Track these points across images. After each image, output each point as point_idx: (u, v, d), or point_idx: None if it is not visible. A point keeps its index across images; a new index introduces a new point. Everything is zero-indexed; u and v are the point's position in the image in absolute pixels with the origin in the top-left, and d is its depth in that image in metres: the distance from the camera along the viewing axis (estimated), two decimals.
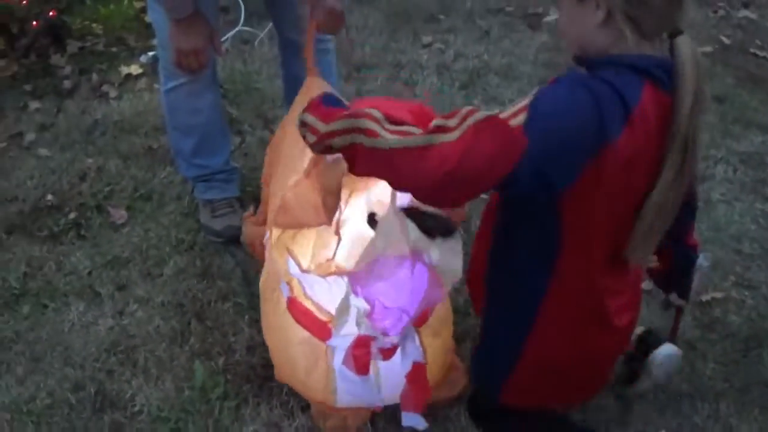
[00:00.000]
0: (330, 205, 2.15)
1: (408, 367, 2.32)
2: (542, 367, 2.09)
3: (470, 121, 1.64)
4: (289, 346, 2.45)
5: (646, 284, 2.36)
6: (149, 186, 3.73)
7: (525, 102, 1.65)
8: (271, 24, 4.69)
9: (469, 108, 1.68)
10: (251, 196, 3.56)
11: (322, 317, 2.32)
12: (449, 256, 2.08)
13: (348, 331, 2.24)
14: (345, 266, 2.35)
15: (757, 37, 5.21)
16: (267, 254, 2.64)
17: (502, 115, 1.65)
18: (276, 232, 2.35)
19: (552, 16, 5.38)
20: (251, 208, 3.22)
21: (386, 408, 2.55)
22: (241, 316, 3.03)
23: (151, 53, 4.71)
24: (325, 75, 3.18)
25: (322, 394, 2.44)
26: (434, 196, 1.77)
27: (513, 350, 2.06)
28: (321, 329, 2.31)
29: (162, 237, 3.43)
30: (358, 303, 2.15)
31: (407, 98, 4.43)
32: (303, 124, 1.91)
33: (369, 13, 5.33)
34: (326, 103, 1.92)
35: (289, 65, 3.46)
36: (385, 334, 2.21)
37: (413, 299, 2.11)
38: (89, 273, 3.26)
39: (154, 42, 4.76)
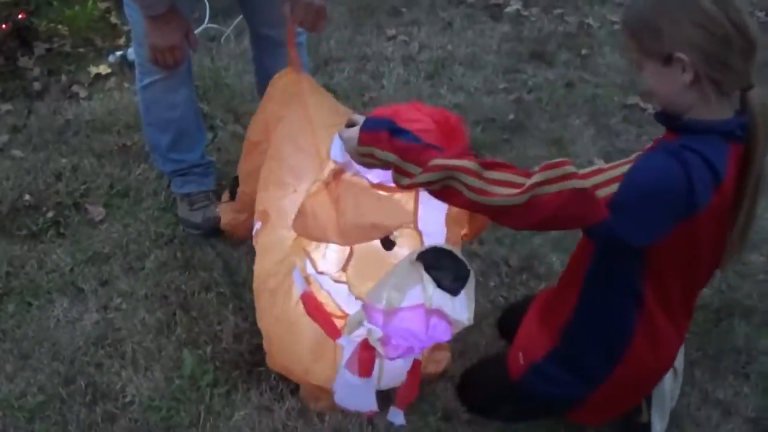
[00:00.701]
0: (369, 236, 2.20)
1: (410, 363, 2.38)
2: (626, 382, 2.28)
3: (568, 185, 1.82)
4: (298, 336, 2.48)
5: None
6: (125, 183, 3.75)
7: (622, 170, 1.84)
8: (237, 20, 4.74)
9: (571, 170, 1.84)
10: (226, 188, 3.60)
11: (337, 313, 2.35)
12: (462, 307, 2.12)
13: (358, 334, 2.27)
14: (354, 281, 2.36)
15: None
16: (256, 246, 2.68)
17: (596, 179, 1.84)
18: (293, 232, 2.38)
19: (513, 6, 5.46)
20: (225, 194, 3.27)
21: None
22: (225, 305, 3.07)
23: (119, 53, 4.72)
24: None
25: (324, 381, 2.49)
26: (525, 229, 2.05)
27: (604, 370, 2.26)
28: (332, 328, 2.34)
29: (141, 232, 3.46)
30: (372, 329, 2.18)
31: (377, 89, 4.50)
32: (371, 156, 2.06)
33: (333, 8, 5.32)
34: (394, 134, 2.06)
35: (262, 61, 3.48)
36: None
37: (425, 339, 2.16)
38: (71, 270, 3.28)
39: (121, 42, 4.82)
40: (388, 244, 2.20)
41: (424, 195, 2.15)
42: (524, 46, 5.02)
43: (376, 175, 2.27)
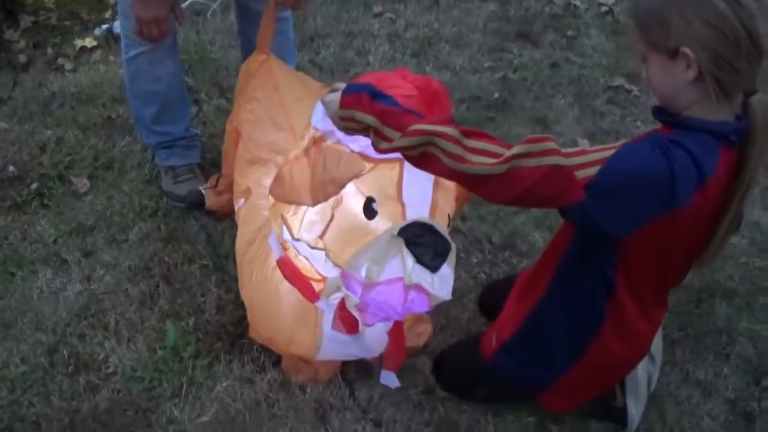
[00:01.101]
0: (328, 193, 2.20)
1: (389, 324, 2.37)
2: (593, 369, 2.29)
3: (546, 161, 1.82)
4: (278, 300, 2.48)
5: None
6: (109, 155, 3.75)
7: (605, 154, 1.83)
8: None
9: (552, 146, 1.84)
10: (210, 162, 3.61)
11: (315, 277, 2.36)
12: (442, 283, 2.12)
13: (336, 296, 2.27)
14: (332, 248, 2.36)
15: None
16: (238, 219, 2.69)
17: (577, 160, 1.84)
18: (271, 198, 2.38)
19: None
20: (213, 180, 3.28)
21: (356, 361, 2.63)
22: (208, 278, 3.08)
23: (104, 26, 4.72)
24: (283, 46, 3.26)
25: (306, 349, 2.48)
26: (501, 203, 2.00)
27: (571, 356, 2.27)
28: (311, 291, 2.34)
29: (125, 204, 3.46)
30: (350, 295, 2.18)
31: (363, 66, 4.51)
32: (352, 120, 2.06)
33: None
34: (375, 98, 2.06)
35: (247, 33, 3.47)
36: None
37: (402, 311, 2.16)
38: (54, 241, 3.29)
39: (107, 15, 4.81)
40: (369, 213, 2.20)
41: (408, 166, 2.15)
42: (510, 25, 5.03)
43: (358, 145, 2.27)
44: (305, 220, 2.40)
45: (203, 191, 3.34)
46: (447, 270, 2.11)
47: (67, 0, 5.17)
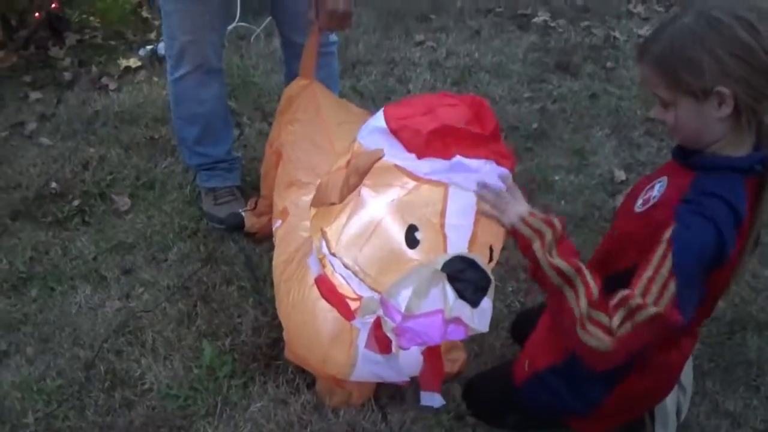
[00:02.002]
0: (351, 185, 2.20)
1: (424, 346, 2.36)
2: (626, 399, 2.30)
3: (640, 318, 1.85)
4: (314, 318, 2.47)
5: None
6: (151, 175, 3.80)
7: (668, 265, 1.85)
8: (267, 20, 4.79)
9: (635, 304, 1.86)
10: (250, 185, 3.66)
11: (351, 295, 2.36)
12: (481, 317, 2.13)
13: (372, 316, 2.28)
14: (370, 272, 2.36)
15: None
16: (276, 240, 2.73)
17: (653, 294, 1.85)
18: (312, 211, 2.40)
19: (540, 17, 5.50)
20: (251, 202, 3.32)
21: (390, 385, 2.64)
22: (245, 299, 3.10)
23: (149, 47, 4.79)
24: (328, 76, 3.30)
25: (341, 368, 2.47)
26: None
27: (606, 389, 2.28)
28: (347, 309, 2.33)
29: (165, 224, 3.50)
30: (387, 319, 2.18)
31: (403, 93, 4.54)
32: (529, 225, 2.06)
33: (362, 12, 5.43)
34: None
35: (291, 65, 3.48)
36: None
37: (440, 340, 2.17)
38: (94, 258, 3.33)
39: (152, 36, 4.88)
40: (411, 242, 2.20)
41: (452, 192, 2.17)
42: (550, 56, 5.05)
43: (404, 161, 2.28)
44: (344, 241, 2.40)
45: (243, 213, 3.38)
46: (487, 303, 2.12)
47: (113, 20, 5.26)
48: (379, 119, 2.18)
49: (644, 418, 2.56)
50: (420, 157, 2.11)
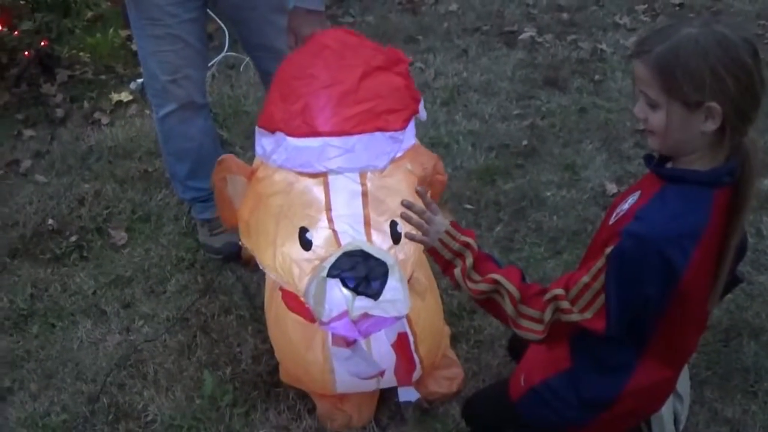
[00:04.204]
0: None
1: (393, 336, 2.38)
2: (622, 413, 2.31)
3: (563, 318, 1.99)
4: (287, 329, 2.53)
5: None
6: (147, 208, 3.84)
7: (602, 280, 1.93)
8: None
9: (561, 306, 1.98)
10: None
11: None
12: (392, 303, 2.15)
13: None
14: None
15: None
16: None
17: (582, 301, 1.97)
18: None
19: (527, 33, 5.53)
20: None
21: (390, 405, 2.67)
22: (244, 328, 3.13)
23: (139, 80, 4.80)
24: None
25: (322, 374, 2.50)
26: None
27: (601, 404, 2.29)
28: (309, 312, 2.33)
29: (163, 256, 3.54)
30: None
31: None
32: (449, 248, 2.12)
33: None
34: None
35: None
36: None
37: (362, 336, 2.19)
38: (94, 292, 3.37)
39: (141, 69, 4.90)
40: (305, 244, 2.23)
41: (332, 183, 2.21)
42: (538, 72, 5.07)
43: (286, 160, 2.32)
44: (261, 253, 2.45)
45: (239, 243, 3.40)
46: (393, 284, 2.14)
47: (103, 54, 5.29)
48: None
49: (641, 427, 2.58)
50: (290, 134, 2.26)
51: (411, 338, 2.45)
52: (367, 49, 2.41)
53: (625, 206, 2.06)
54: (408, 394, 2.53)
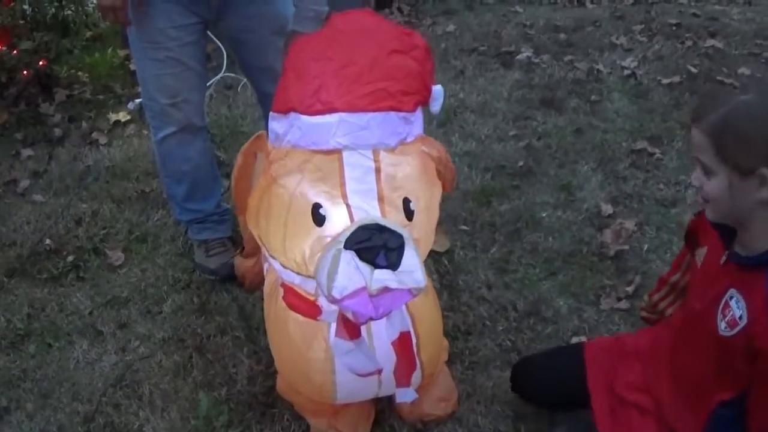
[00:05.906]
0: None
1: (395, 334, 2.36)
2: None
3: None
4: (288, 330, 2.50)
5: None
6: (144, 228, 3.86)
7: None
8: None
9: None
10: (241, 235, 3.68)
11: (309, 298, 2.38)
12: (409, 274, 2.07)
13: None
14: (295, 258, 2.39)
15: (723, 65, 5.40)
16: (266, 274, 2.77)
17: None
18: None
19: (524, 54, 5.56)
20: (239, 249, 3.36)
21: (384, 425, 2.68)
22: (240, 349, 3.14)
23: (138, 100, 4.83)
24: None
25: (323, 376, 2.46)
26: None
27: None
28: (312, 308, 2.36)
29: (159, 276, 3.55)
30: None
31: None
32: None
33: None
34: None
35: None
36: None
37: (378, 315, 2.17)
38: (90, 313, 3.37)
39: (140, 89, 4.92)
40: (318, 220, 2.23)
41: (348, 159, 2.21)
42: (535, 92, 5.10)
43: (300, 139, 2.33)
44: (271, 239, 2.44)
45: (233, 259, 3.42)
46: (410, 254, 2.11)
47: (101, 74, 5.32)
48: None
49: None
50: (304, 112, 2.21)
51: (414, 339, 2.45)
52: (384, 32, 2.40)
53: (740, 312, 1.99)
54: (406, 395, 2.53)
